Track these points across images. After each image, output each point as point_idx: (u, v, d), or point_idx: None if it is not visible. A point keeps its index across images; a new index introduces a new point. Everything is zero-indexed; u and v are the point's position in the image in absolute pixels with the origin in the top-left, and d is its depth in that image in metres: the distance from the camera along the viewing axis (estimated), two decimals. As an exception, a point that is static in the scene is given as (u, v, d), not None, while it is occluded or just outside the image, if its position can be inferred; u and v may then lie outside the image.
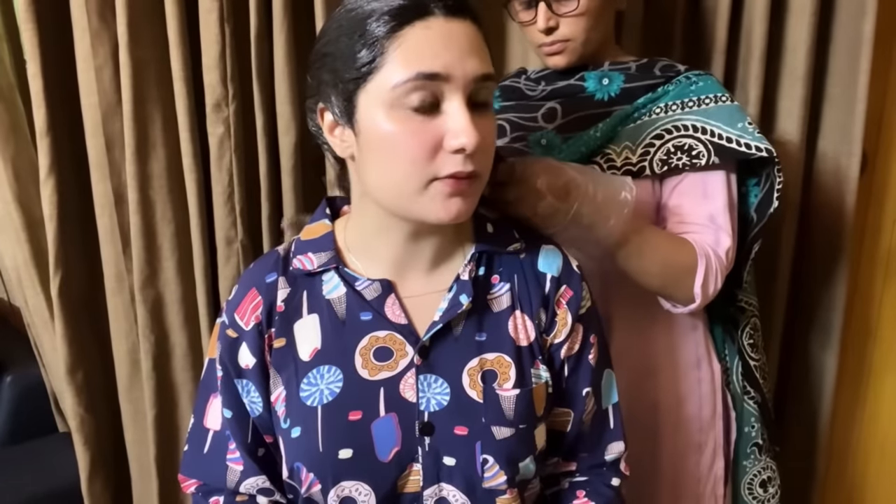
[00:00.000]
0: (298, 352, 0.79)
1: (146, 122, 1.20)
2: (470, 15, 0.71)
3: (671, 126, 1.03)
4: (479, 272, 0.82)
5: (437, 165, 0.70)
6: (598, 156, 1.04)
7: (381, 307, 0.79)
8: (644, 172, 1.02)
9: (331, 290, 0.80)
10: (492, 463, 0.77)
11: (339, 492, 0.76)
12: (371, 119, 0.71)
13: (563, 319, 0.83)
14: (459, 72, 0.69)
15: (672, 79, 1.05)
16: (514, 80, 1.15)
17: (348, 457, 0.76)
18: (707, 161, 1.00)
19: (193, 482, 0.84)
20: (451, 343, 0.79)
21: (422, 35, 0.68)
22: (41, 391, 1.53)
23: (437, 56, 0.68)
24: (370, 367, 0.78)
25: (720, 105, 1.03)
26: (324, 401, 0.77)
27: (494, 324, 0.80)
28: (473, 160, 0.70)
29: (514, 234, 0.85)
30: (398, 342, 0.78)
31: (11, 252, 1.40)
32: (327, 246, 0.81)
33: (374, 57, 0.69)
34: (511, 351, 0.80)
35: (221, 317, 0.83)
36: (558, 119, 1.08)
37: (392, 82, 0.68)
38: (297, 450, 0.77)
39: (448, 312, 0.79)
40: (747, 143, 1.00)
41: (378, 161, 0.72)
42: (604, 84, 1.07)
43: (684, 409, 1.10)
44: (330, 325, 0.79)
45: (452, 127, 0.69)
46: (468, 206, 0.73)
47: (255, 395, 0.80)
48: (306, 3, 1.20)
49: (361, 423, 0.76)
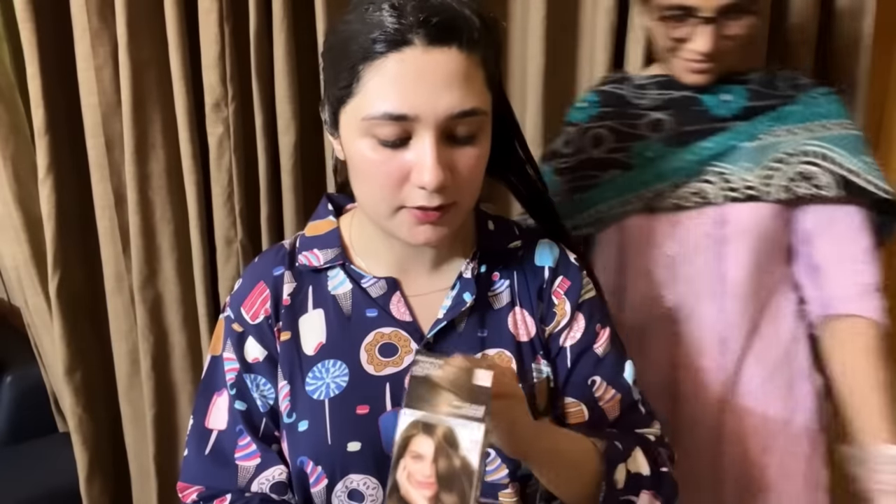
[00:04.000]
0: (303, 346, 0.80)
1: (146, 122, 1.20)
2: (456, 41, 0.67)
3: (796, 150, 1.00)
4: (481, 270, 0.82)
5: (404, 195, 0.70)
6: (710, 174, 1.02)
7: (386, 304, 0.80)
8: (766, 197, 1.00)
9: (336, 286, 0.81)
10: (493, 456, 0.77)
11: (347, 484, 0.77)
12: (349, 139, 0.72)
13: (562, 309, 0.83)
14: (430, 111, 0.66)
15: (796, 96, 1.02)
16: (615, 86, 1.11)
17: (357, 450, 0.76)
18: (834, 193, 0.98)
19: (195, 489, 0.81)
20: (454, 340, 0.80)
21: (395, 70, 0.66)
22: (41, 391, 1.53)
23: (406, 96, 0.66)
24: (375, 363, 0.79)
25: (846, 132, 1.01)
26: (330, 394, 0.78)
27: (495, 320, 0.81)
28: (444, 194, 0.69)
29: (514, 231, 0.86)
30: (403, 339, 0.79)
31: (11, 252, 1.40)
32: (333, 243, 0.82)
33: (350, 82, 0.68)
34: (512, 346, 0.80)
35: (225, 312, 0.83)
36: (665, 130, 1.04)
37: (363, 113, 0.68)
38: (304, 443, 0.77)
39: (452, 310, 0.80)
40: (874, 183, 0.98)
41: (356, 178, 0.74)
42: (724, 100, 1.02)
43: (796, 419, 1.09)
44: (335, 320, 0.80)
45: (417, 165, 0.68)
46: (440, 233, 0.73)
47: (266, 389, 0.80)
48: (306, 3, 1.20)
49: (369, 416, 0.77)
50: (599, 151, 1.07)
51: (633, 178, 1.05)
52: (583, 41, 1.32)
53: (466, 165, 0.71)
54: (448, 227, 0.73)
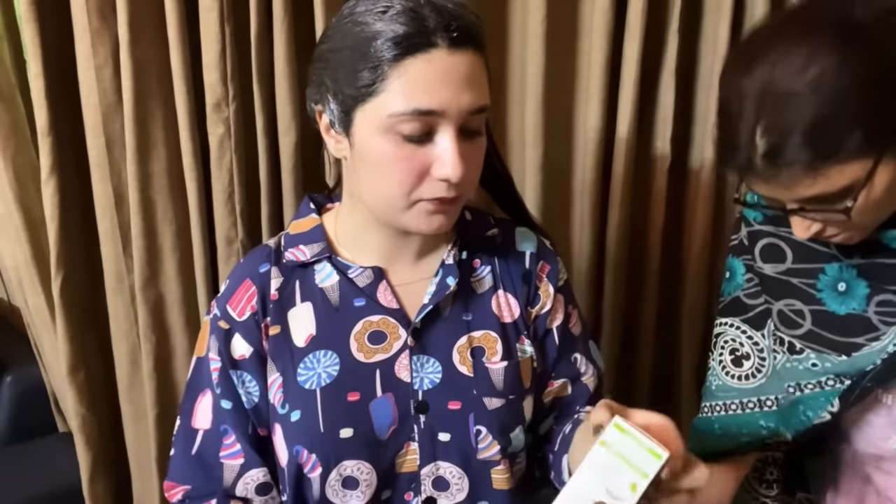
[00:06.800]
0: (293, 338, 0.82)
1: (147, 121, 1.20)
2: (472, 44, 0.73)
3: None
4: (462, 256, 0.87)
5: (423, 189, 0.74)
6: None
7: (373, 293, 0.83)
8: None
9: (324, 278, 0.84)
10: (485, 433, 0.81)
11: (341, 471, 0.79)
12: (366, 137, 0.74)
13: (546, 291, 0.90)
14: (454, 107, 0.71)
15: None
16: None
17: (349, 436, 0.79)
18: None
19: (181, 489, 0.83)
20: (440, 324, 0.84)
21: (423, 69, 0.70)
22: (41, 391, 1.53)
23: (435, 93, 0.70)
24: (365, 351, 0.82)
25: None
26: (322, 384, 0.80)
27: (479, 304, 0.86)
28: (458, 187, 0.75)
29: (490, 220, 0.91)
30: (391, 325, 0.83)
31: (11, 252, 1.40)
32: (318, 238, 0.85)
33: (374, 80, 0.71)
34: (496, 327, 0.85)
35: (211, 312, 0.85)
36: (857, 256, 0.85)
37: (389, 111, 0.71)
38: (298, 432, 0.79)
39: (437, 295, 0.84)
40: None
41: (369, 175, 0.76)
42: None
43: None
44: (324, 311, 0.83)
45: (441, 158, 0.72)
46: (449, 221, 0.78)
47: (251, 386, 0.82)
48: (306, 3, 1.20)
49: (360, 403, 0.80)
50: (782, 267, 0.92)
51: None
52: (582, 41, 1.32)
53: (475, 157, 0.77)
54: (456, 214, 0.80)
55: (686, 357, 1.44)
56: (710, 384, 1.00)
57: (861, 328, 0.85)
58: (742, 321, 0.97)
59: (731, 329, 0.98)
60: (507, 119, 1.35)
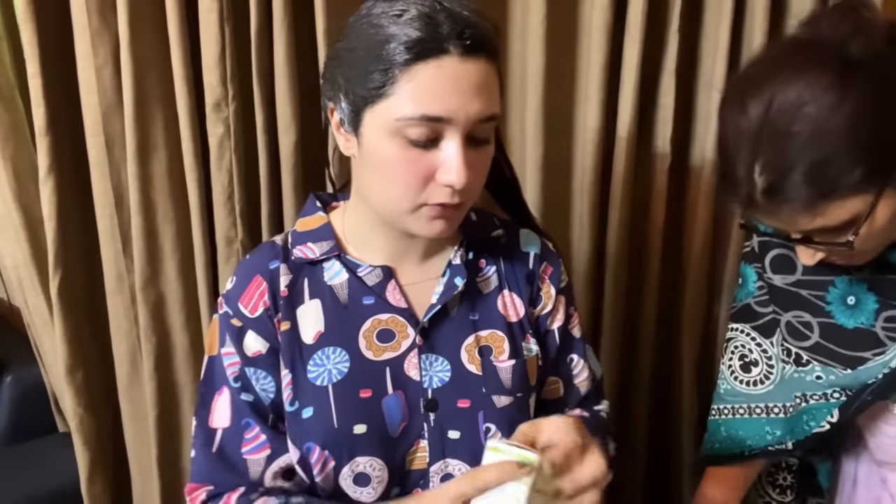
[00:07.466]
0: (302, 335, 0.82)
1: (147, 121, 1.20)
2: (485, 52, 0.73)
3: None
4: (469, 257, 0.88)
5: (427, 193, 0.75)
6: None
7: (382, 292, 0.84)
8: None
9: (332, 276, 0.84)
10: (494, 431, 0.82)
11: (353, 467, 0.79)
12: (373, 138, 0.74)
13: (548, 292, 0.91)
14: (462, 115, 0.71)
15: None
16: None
17: (363, 432, 0.79)
18: None
19: (203, 489, 0.82)
20: (448, 324, 0.85)
21: (434, 75, 0.70)
22: (41, 391, 1.53)
23: (443, 100, 0.70)
24: (374, 349, 0.82)
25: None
26: (333, 380, 0.80)
27: (485, 304, 0.87)
28: (461, 193, 0.75)
29: (494, 221, 0.93)
30: (400, 324, 0.83)
31: (11, 252, 1.40)
32: (327, 236, 0.85)
33: (384, 83, 0.71)
34: (502, 326, 0.87)
35: (221, 310, 0.84)
36: (866, 271, 0.84)
37: (397, 114, 0.71)
38: (310, 429, 0.79)
39: (445, 294, 0.84)
40: None
41: (374, 176, 0.76)
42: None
43: None
44: (333, 309, 0.83)
45: (446, 164, 0.73)
46: (451, 225, 0.79)
47: (266, 382, 0.82)
48: (306, 3, 1.20)
49: (372, 399, 0.80)
50: (791, 279, 0.92)
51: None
52: (582, 41, 1.32)
53: (481, 165, 0.77)
54: (458, 220, 0.80)
55: (686, 357, 1.44)
56: (720, 388, 1.02)
57: (868, 343, 0.86)
58: (752, 328, 0.98)
59: (741, 335, 1.00)
60: (508, 118, 1.35)
